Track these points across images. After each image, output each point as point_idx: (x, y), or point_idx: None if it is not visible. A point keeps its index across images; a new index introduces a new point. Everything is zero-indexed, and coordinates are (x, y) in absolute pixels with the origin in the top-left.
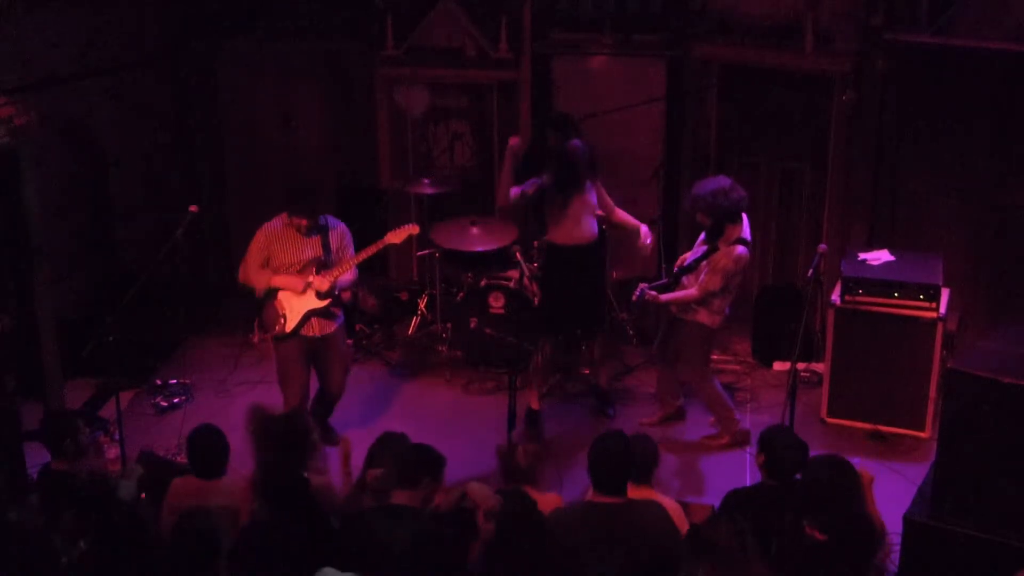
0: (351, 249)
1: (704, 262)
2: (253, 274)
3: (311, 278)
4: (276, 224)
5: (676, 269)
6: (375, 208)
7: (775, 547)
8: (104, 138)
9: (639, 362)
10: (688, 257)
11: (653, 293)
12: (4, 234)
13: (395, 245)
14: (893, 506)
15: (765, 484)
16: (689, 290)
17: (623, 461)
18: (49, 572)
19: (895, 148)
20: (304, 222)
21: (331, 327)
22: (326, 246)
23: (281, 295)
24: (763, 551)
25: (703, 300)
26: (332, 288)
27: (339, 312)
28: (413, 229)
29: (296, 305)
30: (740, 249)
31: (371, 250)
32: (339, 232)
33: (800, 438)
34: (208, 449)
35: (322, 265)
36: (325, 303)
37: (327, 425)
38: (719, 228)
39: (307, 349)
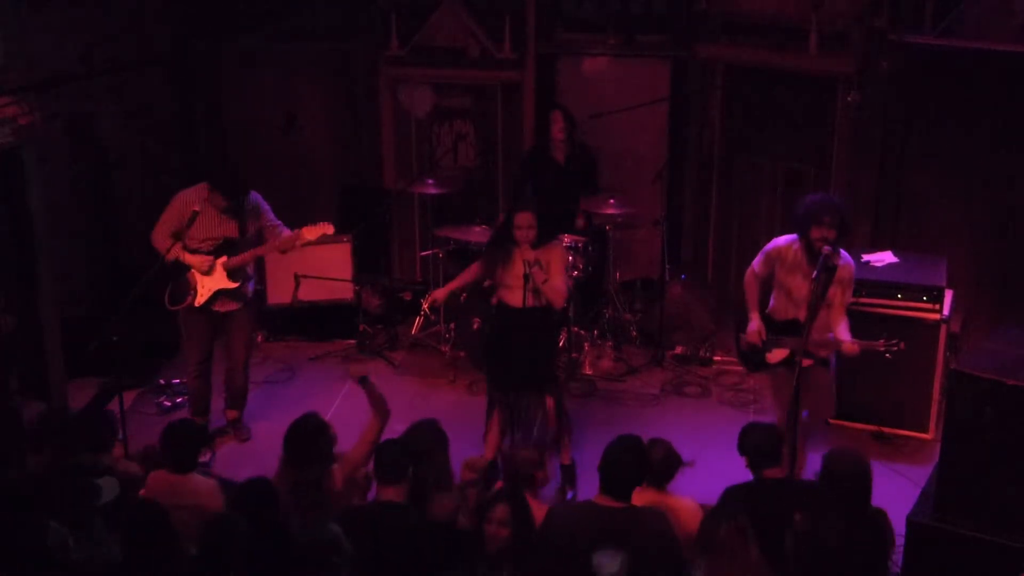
0: (267, 218)
1: (832, 287)
2: (161, 241)
3: (221, 260)
4: (193, 196)
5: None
6: (379, 208)
7: (787, 546)
8: (108, 137)
9: (643, 362)
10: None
11: (852, 345)
12: (8, 233)
13: (310, 242)
14: (897, 507)
15: (760, 481)
16: (841, 322)
17: (635, 469)
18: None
19: (899, 149)
20: (223, 203)
21: (235, 306)
22: (242, 227)
23: (194, 270)
24: (762, 547)
25: None
26: (242, 271)
27: (249, 292)
28: (328, 228)
29: (208, 282)
30: (846, 253)
31: (286, 243)
32: (258, 210)
33: (772, 427)
34: (183, 442)
35: (233, 247)
36: (236, 284)
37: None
38: (836, 245)
39: (211, 322)
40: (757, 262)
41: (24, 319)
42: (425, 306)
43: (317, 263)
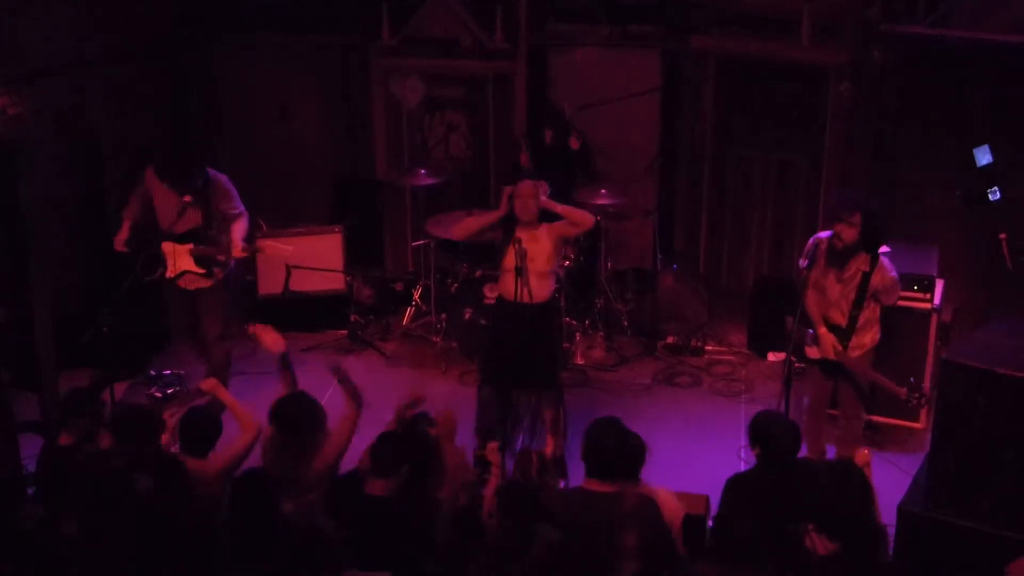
0: (232, 203)
1: (869, 295)
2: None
3: (188, 246)
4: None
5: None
6: (371, 200)
7: (781, 552)
8: (99, 130)
9: (635, 352)
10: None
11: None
12: None
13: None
14: (887, 496)
15: (763, 469)
16: (874, 326)
17: (617, 449)
18: None
19: (891, 139)
20: (175, 186)
21: (206, 283)
22: (206, 214)
23: (164, 246)
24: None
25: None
26: (209, 260)
27: (220, 272)
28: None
29: (178, 261)
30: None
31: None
32: (220, 193)
33: (788, 418)
34: (203, 430)
35: (199, 234)
36: (203, 271)
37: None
38: (857, 248)
39: (184, 298)
40: (802, 259)
41: (15, 311)
42: None
43: (309, 254)
